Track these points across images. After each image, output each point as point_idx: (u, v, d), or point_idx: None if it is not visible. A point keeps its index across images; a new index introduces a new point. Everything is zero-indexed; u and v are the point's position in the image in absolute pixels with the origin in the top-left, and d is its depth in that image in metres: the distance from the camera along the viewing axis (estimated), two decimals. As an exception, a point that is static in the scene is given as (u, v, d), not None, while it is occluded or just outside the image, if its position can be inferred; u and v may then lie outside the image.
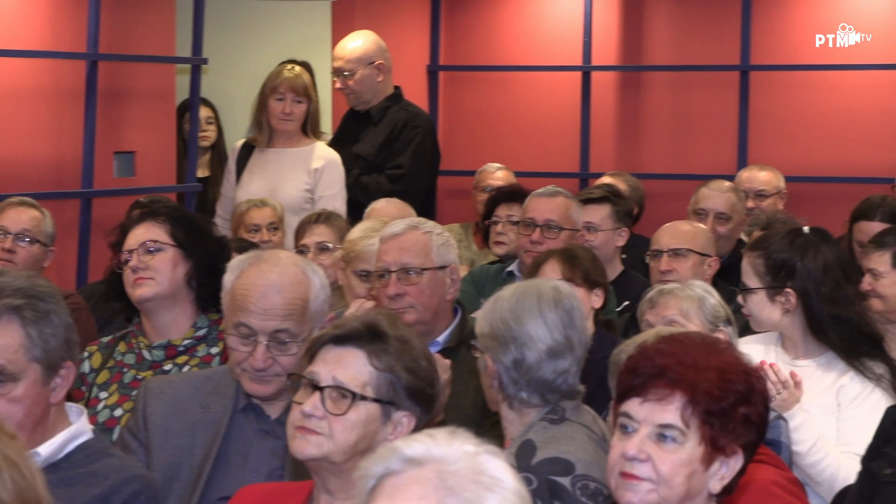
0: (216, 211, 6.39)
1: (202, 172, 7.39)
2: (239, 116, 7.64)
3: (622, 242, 5.61)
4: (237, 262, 3.29)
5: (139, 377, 3.63)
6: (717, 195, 6.06)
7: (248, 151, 6.28)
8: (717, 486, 2.53)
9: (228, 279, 3.26)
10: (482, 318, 3.25)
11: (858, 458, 3.67)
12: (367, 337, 2.72)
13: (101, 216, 6.15)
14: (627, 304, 5.24)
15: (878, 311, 4.49)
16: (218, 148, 7.55)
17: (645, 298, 3.99)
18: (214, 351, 3.67)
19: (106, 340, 3.77)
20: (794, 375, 3.85)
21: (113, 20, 6.21)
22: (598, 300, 4.45)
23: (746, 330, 4.31)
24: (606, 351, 4.34)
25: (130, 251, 3.68)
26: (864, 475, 3.54)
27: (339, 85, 6.56)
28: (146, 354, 3.67)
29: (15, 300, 2.75)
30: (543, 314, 3.18)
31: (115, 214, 5.96)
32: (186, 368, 3.62)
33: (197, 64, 6.55)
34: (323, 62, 6.76)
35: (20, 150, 6.01)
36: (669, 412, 2.49)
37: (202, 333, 3.67)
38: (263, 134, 6.21)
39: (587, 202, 5.55)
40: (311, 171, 6.13)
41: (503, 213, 5.90)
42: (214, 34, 7.32)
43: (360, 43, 6.57)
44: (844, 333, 3.98)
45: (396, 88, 6.65)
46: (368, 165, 6.38)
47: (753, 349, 4.01)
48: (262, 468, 3.19)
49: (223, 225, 5.96)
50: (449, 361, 3.45)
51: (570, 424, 3.15)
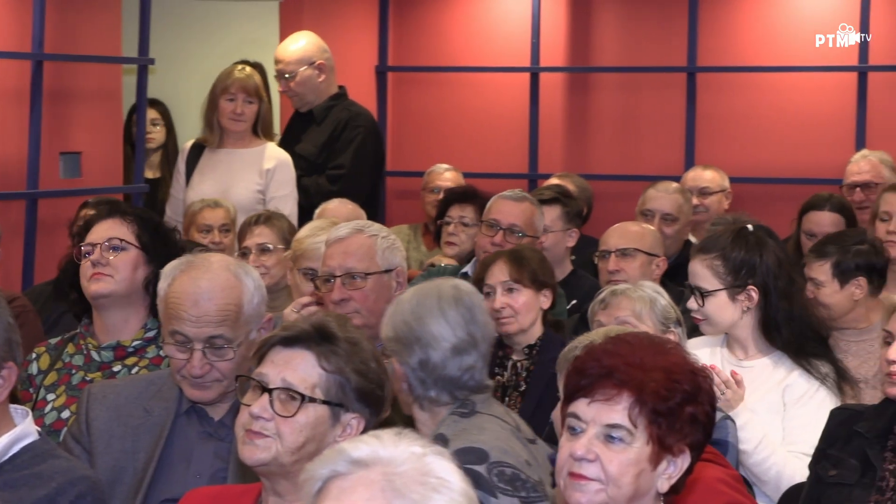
0: (165, 212, 6.35)
1: (153, 173, 7.34)
2: (187, 117, 7.60)
3: (572, 243, 5.64)
4: (169, 268, 3.28)
5: (88, 378, 3.61)
6: (663, 196, 6.09)
7: (198, 152, 6.25)
8: (664, 485, 2.54)
9: (162, 286, 3.26)
10: (386, 322, 3.28)
11: (804, 456, 3.71)
12: (316, 339, 2.71)
13: (46, 217, 6.10)
14: (576, 303, 5.27)
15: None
16: (168, 148, 7.50)
17: (597, 299, 4.01)
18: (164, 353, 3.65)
19: (54, 342, 3.74)
20: (734, 375, 3.88)
21: (58, 20, 6.16)
22: (546, 301, 4.47)
23: (693, 331, 4.34)
24: (555, 351, 4.36)
25: (93, 245, 3.65)
26: (811, 478, 3.57)
27: (281, 87, 6.56)
28: (95, 355, 3.64)
29: (-47, 301, 2.73)
30: (444, 313, 3.22)
31: (61, 215, 5.92)
32: (136, 370, 3.61)
33: (144, 64, 6.51)
34: (270, 62, 6.75)
35: (-36, 150, 5.95)
36: (617, 412, 2.50)
37: (152, 335, 3.65)
38: (214, 134, 6.19)
39: (537, 203, 5.56)
40: (262, 171, 6.11)
41: (455, 214, 5.91)
42: (162, 34, 7.28)
43: (299, 44, 6.56)
44: (795, 330, 4.02)
45: (341, 88, 6.65)
46: (310, 166, 6.36)
47: (699, 353, 4.03)
48: (205, 470, 3.18)
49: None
50: None
51: (480, 416, 3.18)
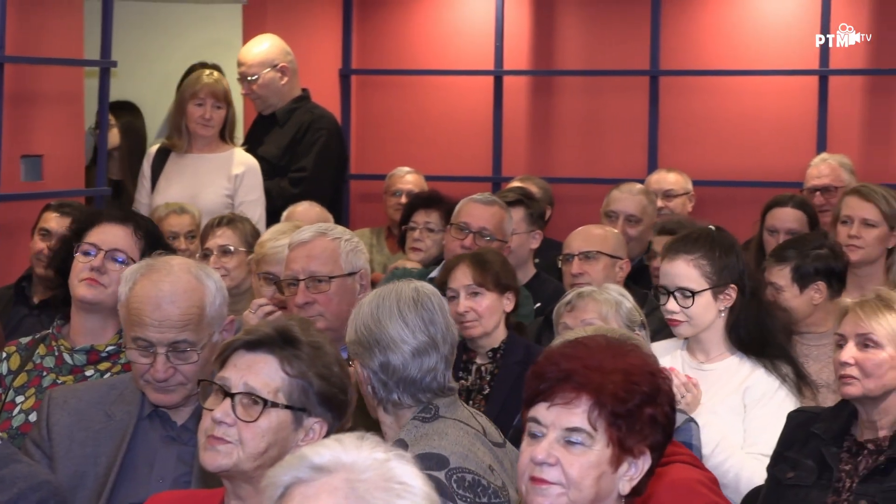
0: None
1: (115, 176, 7.30)
2: (150, 119, 7.57)
3: (536, 245, 5.66)
4: (130, 272, 3.25)
5: (59, 381, 3.58)
6: (627, 197, 6.12)
7: (163, 157, 6.23)
8: (626, 487, 2.55)
9: (122, 291, 3.22)
10: (349, 325, 3.28)
11: (764, 458, 3.73)
12: (279, 343, 2.70)
13: (7, 220, 6.06)
14: (539, 305, 5.29)
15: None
16: (126, 150, 7.44)
17: (562, 301, 4.02)
18: (137, 359, 3.63)
19: (25, 342, 3.71)
20: (689, 379, 3.91)
21: (20, 22, 6.12)
22: (509, 304, 4.47)
23: (656, 334, 4.36)
24: (519, 354, 4.38)
25: (96, 247, 3.63)
26: (769, 480, 3.60)
27: (244, 90, 6.55)
28: (67, 358, 3.62)
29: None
30: (403, 315, 3.21)
31: (22, 218, 5.88)
32: (108, 375, 3.58)
33: (106, 67, 6.48)
34: (234, 66, 6.73)
35: (-76, 153, 5.90)
36: (576, 415, 2.51)
37: None
38: (182, 139, 6.17)
39: (501, 206, 5.57)
40: (231, 176, 6.10)
41: (420, 219, 5.91)
42: (124, 37, 7.25)
43: (262, 47, 6.56)
44: (758, 331, 4.06)
45: (304, 91, 6.64)
46: (272, 168, 6.35)
47: (659, 357, 4.05)
48: (167, 475, 3.17)
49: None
50: None
51: (443, 421, 3.18)
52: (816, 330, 4.64)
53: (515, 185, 6.60)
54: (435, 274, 5.32)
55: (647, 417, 2.53)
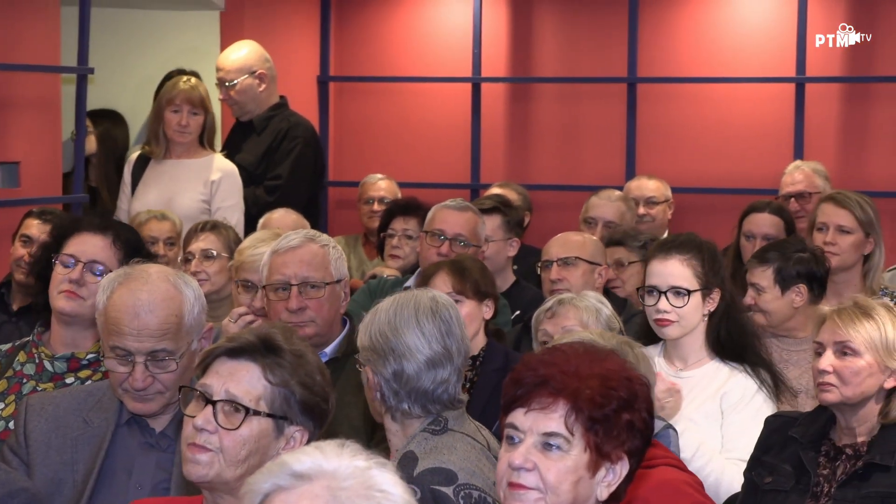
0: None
1: (93, 182, 7.28)
2: (129, 126, 7.55)
3: (513, 252, 5.66)
4: (107, 280, 3.23)
5: (39, 389, 3.56)
6: (606, 204, 6.13)
7: (143, 163, 6.23)
8: (604, 492, 2.56)
9: (100, 299, 3.20)
10: (363, 330, 3.25)
11: (742, 463, 3.75)
12: (261, 350, 2.70)
13: (-16, 228, 6.04)
14: (518, 313, 5.29)
15: (761, 325, 4.59)
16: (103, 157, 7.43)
17: (543, 308, 4.03)
18: (118, 367, 3.62)
19: (5, 348, 3.69)
20: (672, 385, 3.92)
21: (-4, 29, 6.10)
22: (488, 311, 4.47)
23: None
24: (499, 361, 4.38)
25: (75, 259, 3.61)
26: (746, 485, 3.61)
27: (221, 96, 6.55)
28: (48, 365, 3.60)
29: None
30: (421, 325, 3.19)
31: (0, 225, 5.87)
32: (88, 383, 3.56)
33: (83, 73, 6.47)
34: (212, 72, 6.72)
35: None
36: (553, 420, 2.51)
37: None
38: (160, 146, 6.17)
39: (478, 213, 5.57)
40: (207, 182, 6.10)
41: (399, 226, 5.91)
42: (101, 43, 7.23)
43: (241, 53, 6.56)
44: (740, 334, 4.08)
45: (282, 98, 6.64)
46: (249, 176, 6.35)
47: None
48: (146, 482, 3.16)
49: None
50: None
51: (452, 434, 3.16)
52: (796, 335, 4.66)
53: (494, 191, 6.61)
54: (411, 282, 5.33)
55: (624, 423, 2.53)
